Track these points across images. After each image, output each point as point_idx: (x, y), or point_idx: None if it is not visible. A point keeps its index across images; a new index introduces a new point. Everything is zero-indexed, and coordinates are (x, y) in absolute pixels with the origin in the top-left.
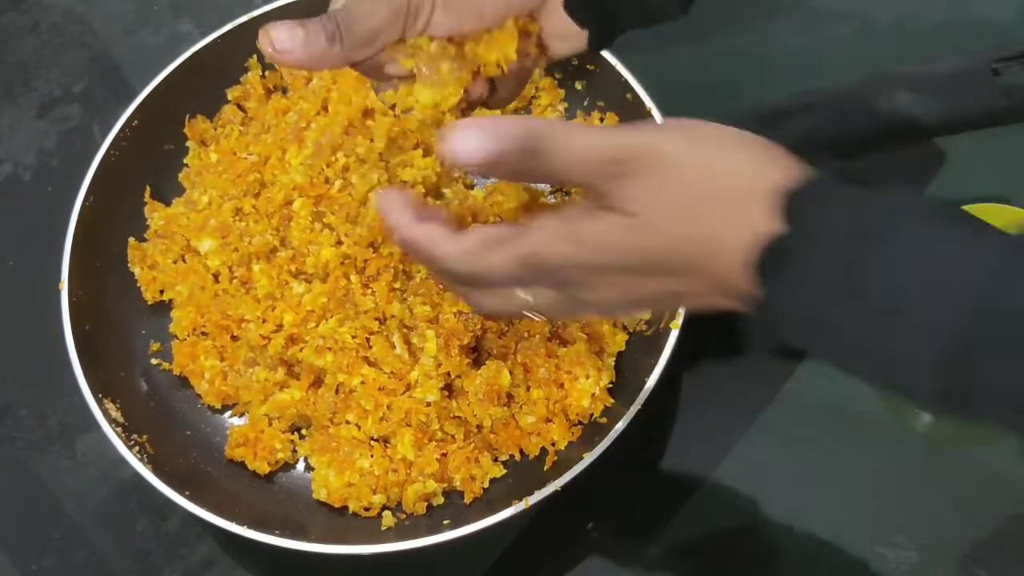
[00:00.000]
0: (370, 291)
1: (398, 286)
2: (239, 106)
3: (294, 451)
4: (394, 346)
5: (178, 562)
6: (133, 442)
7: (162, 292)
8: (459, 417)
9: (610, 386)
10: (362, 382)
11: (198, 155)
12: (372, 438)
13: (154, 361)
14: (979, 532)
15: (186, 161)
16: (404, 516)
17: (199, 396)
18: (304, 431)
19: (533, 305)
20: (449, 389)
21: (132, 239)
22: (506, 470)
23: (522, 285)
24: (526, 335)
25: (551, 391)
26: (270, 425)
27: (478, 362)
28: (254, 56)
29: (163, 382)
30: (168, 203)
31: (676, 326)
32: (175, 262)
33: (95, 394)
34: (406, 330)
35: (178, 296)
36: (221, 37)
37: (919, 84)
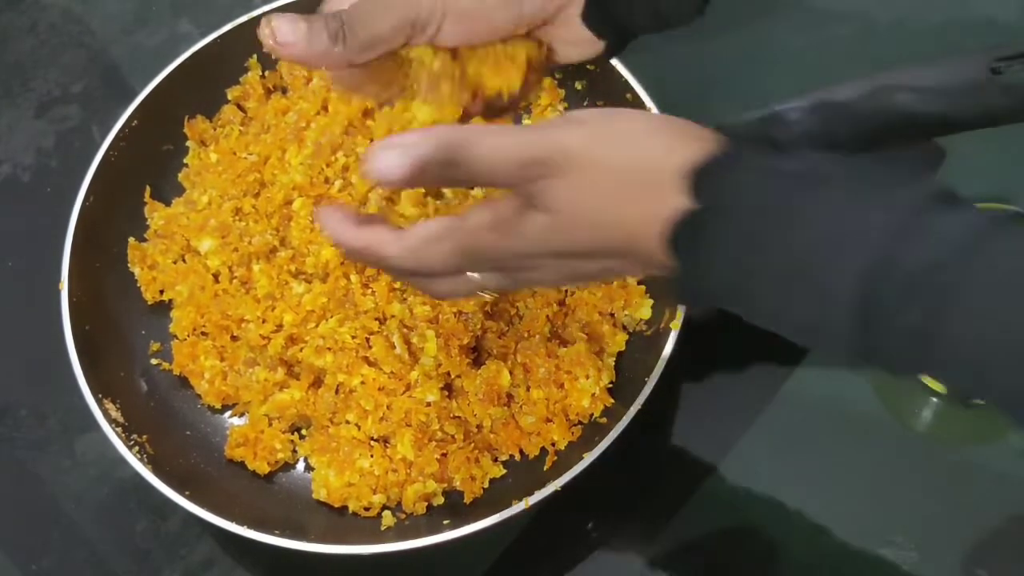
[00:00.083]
0: (370, 291)
1: (398, 286)
2: (239, 106)
3: (294, 451)
4: (394, 346)
5: (178, 562)
6: (133, 442)
7: (162, 292)
8: (459, 417)
9: (610, 386)
10: (362, 382)
11: (198, 155)
12: (372, 438)
13: (154, 361)
14: (979, 532)
15: (186, 161)
16: (404, 516)
17: (199, 396)
18: (304, 431)
19: (483, 285)
20: (449, 389)
21: (132, 239)
22: (506, 470)
23: (467, 271)
24: (526, 335)
25: (551, 391)
26: (270, 425)
27: (478, 362)
28: (254, 56)
29: (163, 382)
30: (168, 203)
31: (676, 326)
32: (175, 262)
33: (95, 394)
34: (406, 330)
35: (178, 296)
36: (221, 37)
37: (919, 84)
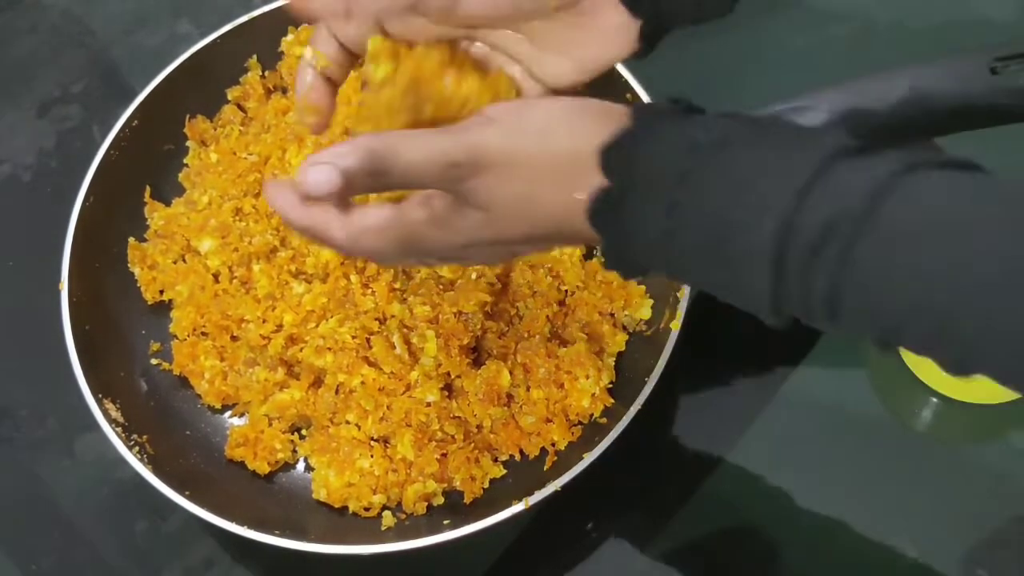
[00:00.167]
0: (370, 291)
1: (398, 286)
2: (239, 106)
3: (294, 451)
4: (394, 346)
5: (178, 562)
6: (133, 442)
7: (162, 292)
8: (459, 417)
9: (610, 386)
10: (362, 382)
11: (198, 155)
12: (372, 438)
13: (154, 361)
14: (979, 532)
15: (186, 161)
16: (404, 516)
17: (199, 396)
18: (304, 431)
19: (426, 264)
20: (449, 389)
21: (132, 239)
22: (506, 470)
23: (409, 259)
24: (526, 335)
25: (551, 391)
26: (270, 425)
27: (478, 362)
28: (254, 56)
29: (163, 382)
30: (168, 203)
31: (676, 326)
32: (175, 262)
33: (95, 394)
34: (406, 330)
35: (178, 296)
36: (220, 37)
37: (919, 84)
